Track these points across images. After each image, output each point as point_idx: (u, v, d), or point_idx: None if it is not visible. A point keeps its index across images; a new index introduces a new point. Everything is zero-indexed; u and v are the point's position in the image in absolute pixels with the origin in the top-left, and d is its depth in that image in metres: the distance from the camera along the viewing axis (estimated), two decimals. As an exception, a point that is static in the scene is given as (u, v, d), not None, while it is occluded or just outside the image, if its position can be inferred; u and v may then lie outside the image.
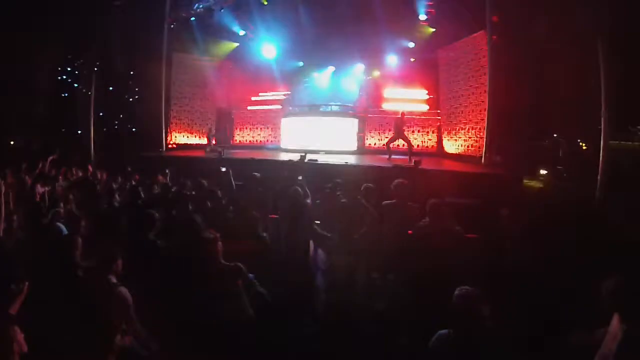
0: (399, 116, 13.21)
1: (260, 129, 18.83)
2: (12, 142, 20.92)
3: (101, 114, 19.58)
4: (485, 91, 13.39)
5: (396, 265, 4.96)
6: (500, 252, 4.74)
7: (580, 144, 17.73)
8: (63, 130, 22.82)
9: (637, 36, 11.53)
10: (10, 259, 3.81)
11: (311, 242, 5.22)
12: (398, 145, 13.61)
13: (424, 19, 15.21)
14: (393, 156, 12.97)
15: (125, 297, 3.40)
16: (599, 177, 10.10)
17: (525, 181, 11.86)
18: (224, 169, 7.31)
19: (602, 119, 10.35)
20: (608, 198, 9.82)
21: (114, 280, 3.49)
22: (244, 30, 17.52)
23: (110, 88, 22.45)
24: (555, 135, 17.41)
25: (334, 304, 4.77)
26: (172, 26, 16.97)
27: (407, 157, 12.28)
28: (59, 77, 26.60)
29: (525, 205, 7.57)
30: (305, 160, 9.97)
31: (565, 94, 12.99)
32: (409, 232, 5.09)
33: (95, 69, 16.93)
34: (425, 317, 3.54)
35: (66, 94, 25.91)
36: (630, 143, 18.80)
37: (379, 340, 4.16)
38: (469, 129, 14.42)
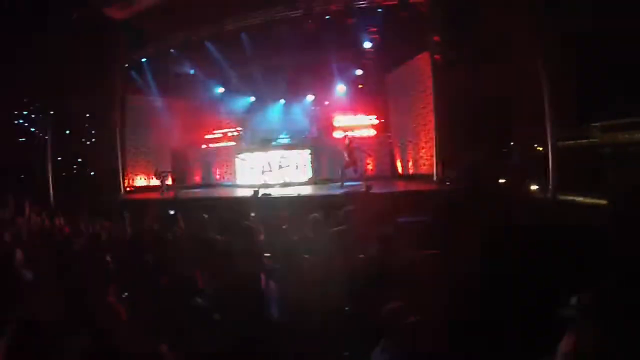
0: (346, 142, 13.55)
1: (216, 166, 18.83)
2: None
3: (59, 158, 19.34)
4: (432, 110, 13.76)
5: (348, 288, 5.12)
6: (455, 268, 4.96)
7: (536, 147, 18.24)
8: (22, 176, 22.42)
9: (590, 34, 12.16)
10: None
11: (262, 275, 5.35)
12: (353, 172, 13.97)
13: (369, 45, 15.68)
14: (346, 183, 13.27)
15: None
16: (550, 180, 10.53)
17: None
18: (172, 212, 7.34)
19: (548, 120, 10.87)
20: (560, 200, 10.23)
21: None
22: (194, 69, 17.72)
23: (67, 131, 22.19)
24: (511, 143, 17.93)
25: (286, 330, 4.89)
26: (125, 67, 17.08)
27: (361, 184, 12.54)
28: (15, 122, 26.14)
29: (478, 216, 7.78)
30: (259, 195, 10.11)
31: (514, 102, 13.45)
32: (361, 255, 5.19)
33: (51, 112, 16.82)
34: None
35: (23, 139, 25.46)
36: (586, 140, 19.42)
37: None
38: (419, 149, 14.77)
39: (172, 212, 7.33)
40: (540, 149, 17.60)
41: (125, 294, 4.42)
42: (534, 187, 12.38)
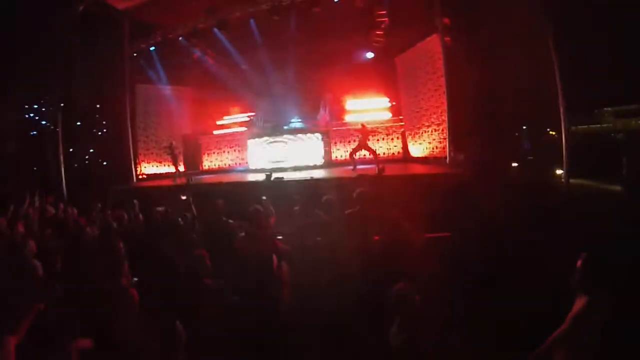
0: (360, 128, 13.49)
1: (228, 152, 18.81)
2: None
3: (71, 149, 19.49)
4: (443, 92, 13.67)
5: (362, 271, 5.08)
6: (464, 251, 4.94)
7: (550, 132, 18.06)
8: (34, 169, 22.61)
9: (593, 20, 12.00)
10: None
11: (274, 257, 5.34)
12: (364, 156, 13.90)
13: (379, 29, 15.54)
14: (358, 166, 13.19)
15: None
16: (564, 164, 10.44)
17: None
18: (184, 198, 7.33)
19: (560, 105, 10.74)
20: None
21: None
22: (202, 57, 17.70)
23: (78, 123, 22.33)
24: (524, 127, 17.77)
25: (299, 311, 4.88)
26: (134, 56, 17.09)
27: (373, 166, 12.47)
28: (27, 115, 26.36)
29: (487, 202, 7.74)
30: (272, 179, 10.11)
31: (525, 85, 13.31)
32: (375, 237, 5.23)
33: (62, 104, 16.90)
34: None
35: (34, 132, 25.67)
36: (598, 126, 19.19)
37: (344, 343, 4.26)
38: (432, 131, 14.68)
39: (184, 198, 7.31)
40: (553, 133, 17.51)
41: (135, 279, 4.43)
42: (546, 171, 12.30)
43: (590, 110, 18.73)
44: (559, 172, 11.21)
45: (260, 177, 11.30)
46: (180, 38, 16.39)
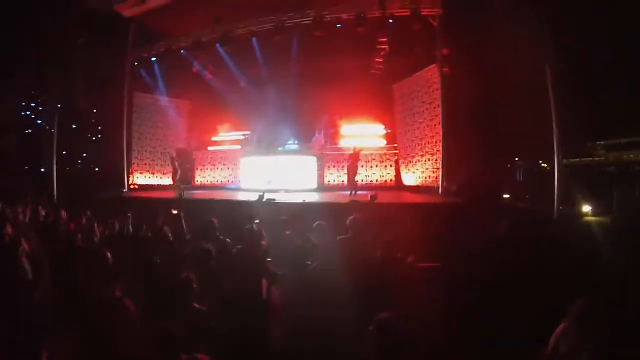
0: (354, 151, 13.61)
1: (221, 169, 18.71)
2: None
3: (64, 152, 19.43)
4: (439, 122, 13.82)
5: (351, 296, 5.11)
6: (456, 279, 4.97)
7: (542, 164, 18.25)
8: (26, 167, 22.48)
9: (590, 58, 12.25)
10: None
11: (264, 281, 5.34)
12: (356, 182, 14.01)
13: (379, 56, 15.80)
14: (348, 192, 13.37)
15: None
16: (555, 196, 10.58)
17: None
18: (175, 212, 7.29)
19: (554, 138, 10.93)
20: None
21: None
22: (203, 70, 17.76)
23: (74, 126, 22.31)
24: (516, 159, 17.96)
25: (288, 337, 4.87)
26: (134, 64, 17.14)
27: (365, 193, 12.57)
28: (23, 113, 26.28)
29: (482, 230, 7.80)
30: (264, 200, 10.12)
31: (520, 118, 13.50)
32: (363, 264, 5.19)
33: (59, 105, 16.89)
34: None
35: (29, 130, 25.59)
36: (590, 159, 19.43)
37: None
38: (425, 161, 14.79)
39: (174, 212, 7.28)
40: (545, 165, 17.72)
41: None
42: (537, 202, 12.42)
43: (582, 143, 19.01)
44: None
45: (252, 196, 11.29)
46: (182, 50, 16.44)
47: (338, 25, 14.31)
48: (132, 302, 3.94)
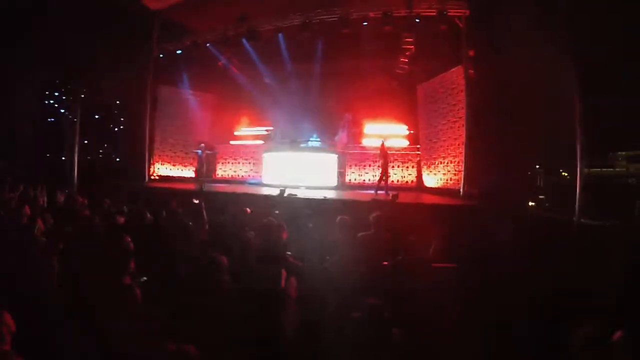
0: (382, 147, 13.57)
1: (242, 163, 18.77)
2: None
3: (86, 141, 19.64)
4: (462, 125, 13.72)
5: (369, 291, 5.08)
6: (473, 283, 4.93)
7: (562, 173, 18.07)
8: (48, 155, 22.78)
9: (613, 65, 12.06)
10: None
11: (283, 271, 5.33)
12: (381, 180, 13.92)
13: (404, 56, 15.72)
14: (369, 191, 13.35)
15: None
16: (576, 205, 10.44)
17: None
18: (196, 201, 7.33)
19: (578, 146, 10.78)
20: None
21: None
22: (228, 65, 17.86)
23: (97, 116, 22.56)
24: (537, 166, 17.76)
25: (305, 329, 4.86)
26: (160, 57, 17.29)
27: (382, 192, 12.69)
28: (46, 102, 26.63)
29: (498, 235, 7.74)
30: (285, 195, 10.10)
31: (543, 124, 13.34)
32: (384, 263, 5.20)
33: (82, 95, 17.06)
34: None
35: (52, 119, 25.92)
36: (611, 169, 19.21)
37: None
38: (447, 163, 14.68)
39: (196, 202, 7.33)
40: (565, 174, 17.53)
41: (144, 278, 4.43)
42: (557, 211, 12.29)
43: (603, 154, 18.80)
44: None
45: (273, 191, 11.30)
46: (207, 44, 16.52)
47: (364, 23, 14.26)
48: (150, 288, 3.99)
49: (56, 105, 26.88)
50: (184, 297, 4.08)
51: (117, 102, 22.08)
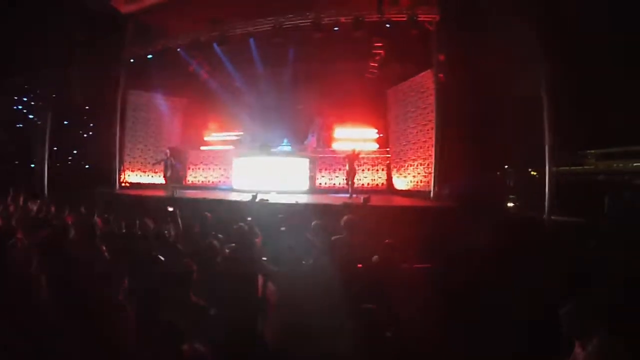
0: (351, 153, 13.68)
1: (213, 169, 18.64)
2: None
3: (55, 148, 19.23)
4: (432, 128, 13.93)
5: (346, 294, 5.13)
6: (448, 283, 5.02)
7: (531, 172, 18.40)
8: (16, 162, 22.25)
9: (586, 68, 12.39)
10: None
11: (261, 277, 5.33)
12: (347, 184, 14.13)
13: (374, 60, 15.90)
14: (339, 195, 13.44)
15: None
16: (546, 203, 10.69)
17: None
18: (170, 209, 7.29)
19: (546, 146, 11.05)
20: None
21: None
22: (199, 69, 17.75)
23: (65, 122, 22.10)
24: (506, 166, 18.07)
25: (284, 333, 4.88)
26: (130, 62, 17.08)
27: (355, 196, 12.81)
28: (15, 107, 25.99)
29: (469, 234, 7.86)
30: (257, 200, 10.10)
31: (512, 125, 13.58)
32: (359, 265, 5.28)
33: (52, 100, 16.76)
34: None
35: (20, 125, 25.31)
36: (580, 167, 19.64)
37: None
38: (417, 165, 14.89)
39: (170, 209, 7.28)
40: (534, 173, 17.87)
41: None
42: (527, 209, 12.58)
43: (573, 152, 19.22)
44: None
45: (244, 197, 11.29)
46: (178, 49, 16.40)
47: (335, 29, 14.34)
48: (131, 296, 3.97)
49: (25, 111, 26.18)
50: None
51: (87, 107, 21.66)
